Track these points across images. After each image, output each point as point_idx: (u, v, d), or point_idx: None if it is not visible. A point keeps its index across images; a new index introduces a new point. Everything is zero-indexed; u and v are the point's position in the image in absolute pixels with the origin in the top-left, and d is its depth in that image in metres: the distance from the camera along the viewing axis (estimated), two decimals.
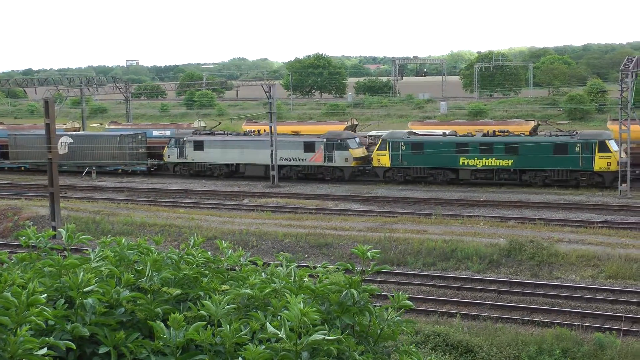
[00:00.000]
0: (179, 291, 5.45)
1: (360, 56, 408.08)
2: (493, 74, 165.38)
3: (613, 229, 46.36)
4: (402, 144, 64.13)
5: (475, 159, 62.12)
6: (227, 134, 74.28)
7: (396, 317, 5.86)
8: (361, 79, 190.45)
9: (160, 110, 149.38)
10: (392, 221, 49.20)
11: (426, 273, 39.85)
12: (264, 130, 73.73)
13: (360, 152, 67.82)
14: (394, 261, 41.20)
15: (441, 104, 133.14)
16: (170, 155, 72.99)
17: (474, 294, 36.77)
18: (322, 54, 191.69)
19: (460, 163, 62.77)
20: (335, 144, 66.60)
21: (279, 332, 4.93)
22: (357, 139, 69.09)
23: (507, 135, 64.18)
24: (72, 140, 75.23)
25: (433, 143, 63.77)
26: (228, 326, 4.99)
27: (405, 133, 67.34)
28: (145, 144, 76.26)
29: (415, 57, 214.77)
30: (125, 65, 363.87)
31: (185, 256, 5.92)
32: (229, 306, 5.23)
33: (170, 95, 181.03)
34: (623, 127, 57.45)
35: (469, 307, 34.86)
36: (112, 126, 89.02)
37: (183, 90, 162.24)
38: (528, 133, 68.29)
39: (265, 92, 68.78)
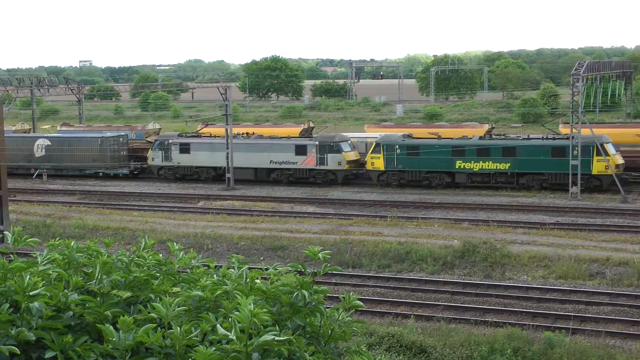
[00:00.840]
0: (129, 294, 5.40)
1: (317, 59, 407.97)
2: (448, 78, 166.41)
3: (564, 230, 46.83)
4: (397, 147, 63.21)
5: (472, 162, 61.41)
6: (215, 137, 72.13)
7: (347, 317, 5.87)
8: (318, 82, 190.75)
9: (114, 112, 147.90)
10: (348, 223, 49.28)
11: (381, 275, 39.96)
12: (253, 133, 73.38)
13: (353, 155, 66.72)
14: (349, 263, 41.24)
15: (397, 107, 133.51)
16: (155, 158, 70.96)
17: (428, 295, 36.91)
18: (279, 57, 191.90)
19: (457, 166, 62.05)
20: (328, 146, 65.35)
21: (229, 334, 4.91)
22: (350, 142, 67.92)
23: (503, 138, 63.55)
24: (49, 143, 73.55)
25: (429, 146, 62.97)
26: (178, 328, 4.96)
27: (400, 136, 66.16)
28: (127, 147, 74.79)
29: (372, 60, 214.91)
30: (79, 66, 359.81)
31: (136, 259, 5.88)
32: (179, 308, 5.20)
33: (125, 97, 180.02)
34: (574, 130, 58.11)
35: (423, 308, 34.99)
36: (64, 128, 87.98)
37: (138, 91, 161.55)
38: (482, 136, 68.80)
39: (222, 94, 68.05)
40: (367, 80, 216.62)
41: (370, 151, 64.77)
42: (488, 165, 60.96)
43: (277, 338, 4.96)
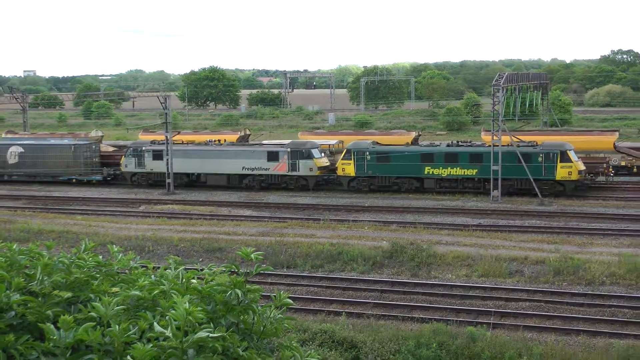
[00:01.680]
0: (69, 294, 5.37)
1: (253, 69, 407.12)
2: (378, 88, 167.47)
3: (485, 231, 47.35)
4: (368, 153, 62.57)
5: (440, 168, 60.97)
6: (188, 144, 70.96)
7: (278, 315, 5.91)
8: (254, 91, 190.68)
9: (57, 120, 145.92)
10: (283, 226, 49.28)
11: (314, 274, 39.99)
12: (224, 140, 72.57)
13: (324, 161, 65.89)
14: (284, 264, 41.22)
15: (329, 115, 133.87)
16: (128, 164, 69.20)
17: (358, 294, 37.06)
18: (216, 67, 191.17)
19: (425, 172, 61.50)
20: (299, 153, 64.49)
21: (166, 331, 4.92)
22: (320, 149, 67.03)
23: (468, 146, 63.00)
24: (23, 150, 71.76)
25: (398, 153, 62.54)
26: (117, 326, 4.95)
27: (370, 143, 65.48)
28: (99, 154, 72.84)
29: (306, 71, 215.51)
30: (23, 76, 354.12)
31: (77, 260, 5.84)
32: (118, 307, 5.20)
33: (68, 106, 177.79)
34: (495, 137, 58.86)
35: (354, 305, 35.11)
36: (8, 135, 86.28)
37: (81, 100, 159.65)
38: (410, 143, 69.25)
39: (162, 103, 67.50)
40: (300, 90, 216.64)
41: (341, 157, 64.35)
42: (456, 171, 60.71)
43: (211, 335, 4.98)
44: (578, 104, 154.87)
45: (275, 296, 6.16)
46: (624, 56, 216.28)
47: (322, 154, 66.59)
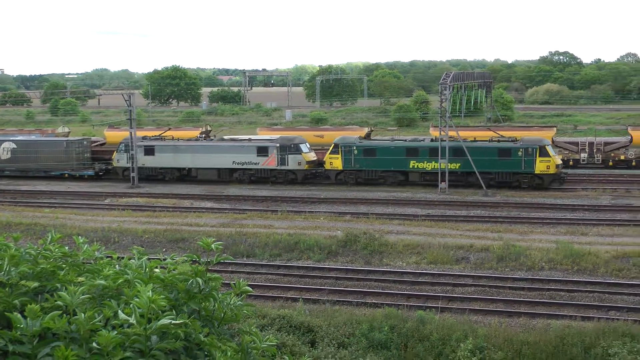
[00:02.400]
0: (36, 284, 5.30)
1: (214, 68, 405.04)
2: (332, 86, 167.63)
3: (434, 221, 47.69)
4: (355, 148, 62.09)
5: (425, 162, 60.56)
6: (179, 140, 69.54)
7: (238, 301, 5.89)
8: (215, 89, 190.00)
9: (25, 117, 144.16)
10: (243, 217, 49.16)
11: (272, 263, 39.94)
12: (215, 136, 71.90)
13: (312, 155, 65.20)
14: (244, 253, 41.13)
15: (286, 112, 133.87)
16: (120, 160, 67.77)
17: (314, 281, 37.09)
18: (179, 66, 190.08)
19: (410, 166, 61.09)
20: (288, 148, 63.73)
21: (130, 319, 4.88)
22: (308, 144, 66.44)
23: (452, 140, 62.24)
24: (15, 146, 70.18)
25: (384, 147, 62.10)
26: (83, 314, 4.90)
27: (357, 138, 65.00)
28: (90, 149, 71.58)
29: (264, 70, 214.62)
30: None
31: (43, 251, 5.77)
32: (84, 296, 5.14)
33: (36, 103, 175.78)
34: (442, 132, 59.25)
35: (310, 292, 35.14)
36: None
37: (48, 98, 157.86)
38: (363, 137, 69.33)
39: (126, 100, 66.85)
40: (259, 88, 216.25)
41: (329, 152, 63.66)
42: (440, 166, 60.03)
43: (173, 321, 4.95)
44: (519, 101, 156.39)
45: (235, 284, 6.15)
46: (561, 57, 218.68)
47: (310, 149, 65.96)
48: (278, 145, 64.06)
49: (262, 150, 64.49)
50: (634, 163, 67.17)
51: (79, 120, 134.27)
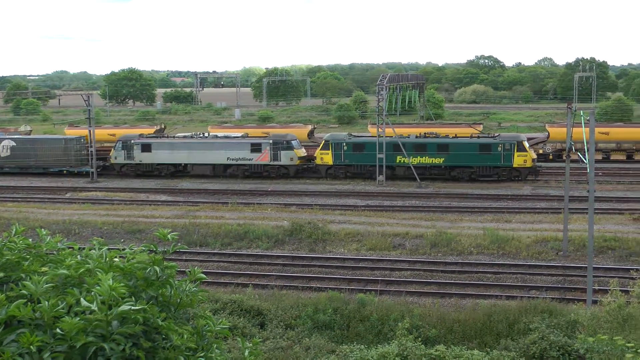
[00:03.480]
0: (1, 274, 5.22)
1: (167, 70, 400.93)
2: (278, 86, 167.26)
3: (372, 211, 47.93)
4: (344, 144, 61.21)
5: (411, 157, 59.64)
6: (175, 137, 68.07)
7: (193, 288, 5.87)
8: (168, 90, 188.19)
9: None
10: (195, 209, 48.83)
11: (224, 251, 39.77)
12: (211, 133, 70.46)
13: (303, 152, 64.22)
14: (197, 243, 40.89)
15: (236, 111, 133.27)
16: (117, 157, 66.09)
17: (263, 267, 37.06)
18: (134, 69, 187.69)
19: (397, 161, 60.16)
20: (281, 144, 62.71)
21: (91, 305, 4.83)
22: (299, 141, 65.44)
23: (435, 137, 61.90)
24: (14, 144, 68.09)
25: (372, 144, 60.91)
26: (47, 302, 4.85)
27: (346, 135, 64.02)
28: (85, 147, 69.14)
29: (214, 72, 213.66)
30: None
31: (8, 243, 5.67)
32: (47, 285, 5.08)
33: None
34: (380, 130, 59.57)
35: (259, 278, 35.10)
36: None
37: (10, 98, 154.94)
38: (307, 134, 69.41)
39: (85, 100, 65.85)
40: (210, 89, 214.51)
41: (319, 148, 62.83)
42: (425, 160, 59.84)
43: (133, 307, 4.92)
44: (449, 100, 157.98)
45: (189, 271, 6.11)
46: (486, 61, 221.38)
47: (301, 146, 65.13)
48: (271, 142, 63.22)
49: (256, 147, 63.54)
50: (550, 157, 68.52)
51: (40, 120, 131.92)
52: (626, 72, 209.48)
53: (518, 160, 58.57)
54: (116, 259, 5.73)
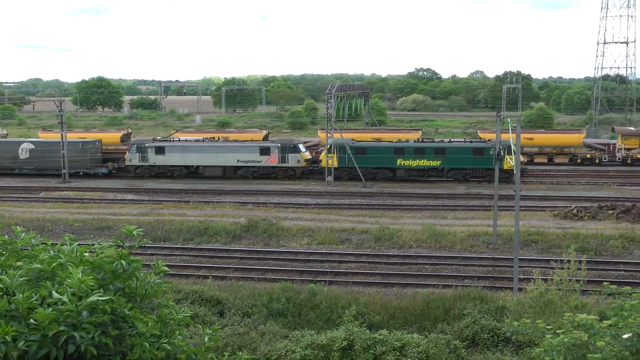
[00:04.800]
0: None
1: (134, 79, 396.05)
2: (236, 95, 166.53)
3: (322, 209, 47.99)
4: (349, 148, 60.24)
5: (410, 160, 59.34)
6: (187, 141, 66.55)
7: (157, 280, 5.86)
8: (135, 97, 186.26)
9: None
10: (160, 207, 48.38)
11: (186, 246, 39.47)
12: (219, 137, 69.32)
13: (308, 155, 63.25)
14: (161, 238, 40.47)
15: (197, 117, 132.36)
16: (132, 159, 64.21)
17: (222, 261, 36.85)
18: (103, 77, 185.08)
19: (398, 164, 59.67)
20: (288, 148, 61.68)
21: (63, 297, 4.81)
22: (304, 145, 64.34)
23: (433, 142, 61.64)
24: (33, 146, 65.78)
25: (375, 147, 60.67)
26: (21, 295, 4.82)
27: (350, 139, 62.95)
28: (101, 150, 67.59)
29: (177, 81, 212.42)
30: None
31: None
32: (22, 279, 5.05)
33: None
34: (329, 135, 59.75)
35: (219, 270, 34.89)
36: None
37: None
38: (262, 139, 69.19)
39: (57, 106, 64.73)
40: (173, 96, 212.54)
41: (325, 151, 61.74)
42: (423, 163, 59.49)
43: (101, 298, 4.91)
44: (391, 108, 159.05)
45: (154, 265, 6.10)
46: (425, 73, 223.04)
47: (307, 149, 64.18)
48: (279, 145, 62.25)
49: (265, 150, 62.47)
50: None
51: (15, 124, 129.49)
52: (547, 85, 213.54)
53: (508, 163, 58.85)
54: (86, 254, 5.71)
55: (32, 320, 4.63)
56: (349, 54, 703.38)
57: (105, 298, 4.93)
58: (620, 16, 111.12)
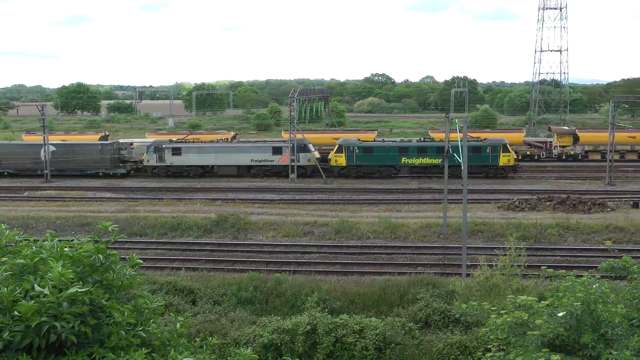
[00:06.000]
0: None
1: (111, 84, 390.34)
2: (205, 99, 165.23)
3: (286, 204, 47.97)
4: (356, 147, 59.95)
5: (414, 158, 59.07)
6: (203, 142, 65.56)
7: (132, 272, 5.85)
8: (111, 102, 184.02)
9: None
10: (136, 204, 47.88)
11: (160, 240, 39.16)
12: (228, 139, 68.21)
13: (317, 154, 62.35)
14: (137, 233, 40.09)
15: (169, 120, 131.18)
16: (150, 160, 62.85)
17: (194, 253, 36.64)
18: (82, 83, 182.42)
19: (402, 162, 59.40)
20: (299, 147, 60.56)
21: (44, 290, 4.79)
22: (313, 145, 63.26)
23: (434, 141, 61.48)
24: (54, 149, 63.67)
25: (381, 147, 60.26)
26: (6, 288, 4.78)
27: (356, 140, 62.47)
28: (118, 152, 65.65)
29: (151, 86, 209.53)
30: None
31: None
32: (6, 273, 5.01)
33: None
34: (291, 135, 59.68)
35: (191, 262, 34.70)
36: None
37: None
38: (230, 139, 68.81)
39: (40, 110, 63.49)
40: (147, 101, 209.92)
41: (334, 151, 61.26)
42: (425, 161, 59.34)
43: (80, 290, 4.89)
44: (349, 111, 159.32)
45: (129, 258, 6.09)
46: (380, 77, 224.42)
47: (315, 149, 63.26)
48: (291, 145, 61.36)
49: (277, 150, 61.51)
50: None
51: (1, 127, 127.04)
52: (491, 88, 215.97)
53: (503, 159, 59.29)
54: (66, 249, 5.68)
55: (16, 312, 4.60)
56: (310, 61, 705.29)
57: (84, 290, 4.92)
58: (555, 27, 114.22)
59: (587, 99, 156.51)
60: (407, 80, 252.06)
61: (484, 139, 62.32)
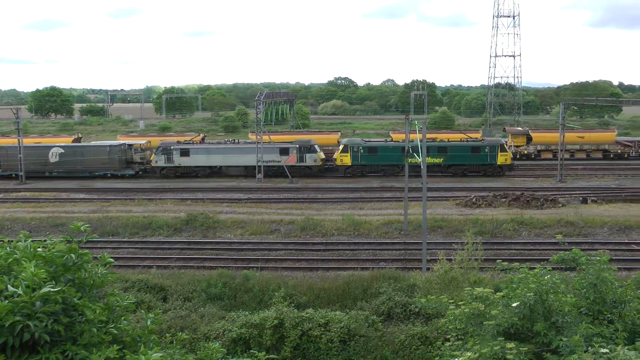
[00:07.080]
0: None
1: (83, 88, 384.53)
2: (175, 102, 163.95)
3: (254, 203, 47.84)
4: (361, 147, 59.56)
5: (416, 157, 58.86)
6: (210, 143, 64.57)
7: (104, 271, 5.81)
8: (84, 105, 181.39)
9: None
10: (108, 205, 47.29)
11: (132, 239, 38.74)
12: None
13: (323, 154, 61.71)
14: (110, 233, 39.61)
15: (140, 122, 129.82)
16: (158, 161, 61.57)
17: (165, 252, 36.34)
18: (55, 87, 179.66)
19: (405, 161, 59.37)
20: (306, 148, 60.01)
21: (17, 290, 4.73)
22: (318, 145, 62.49)
23: (436, 141, 61.16)
24: (63, 151, 62.14)
25: (384, 147, 59.90)
26: None
27: (361, 140, 61.96)
28: (126, 154, 64.06)
29: (122, 90, 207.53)
30: None
31: None
32: None
33: None
34: (258, 136, 59.54)
35: (162, 260, 34.45)
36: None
37: None
38: (199, 141, 68.32)
39: (14, 114, 62.25)
40: (119, 104, 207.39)
41: (339, 151, 60.72)
42: (427, 160, 58.01)
43: (53, 289, 4.85)
44: (314, 113, 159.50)
45: (100, 257, 6.04)
46: (343, 81, 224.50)
47: (321, 149, 62.64)
48: (298, 146, 60.73)
49: (284, 151, 60.78)
50: None
51: None
52: (449, 91, 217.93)
53: (501, 159, 59.54)
54: (39, 249, 5.62)
55: None
56: (275, 65, 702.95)
57: (56, 289, 4.86)
58: (508, 34, 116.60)
59: (539, 101, 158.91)
60: (369, 83, 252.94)
61: (483, 139, 62.83)
